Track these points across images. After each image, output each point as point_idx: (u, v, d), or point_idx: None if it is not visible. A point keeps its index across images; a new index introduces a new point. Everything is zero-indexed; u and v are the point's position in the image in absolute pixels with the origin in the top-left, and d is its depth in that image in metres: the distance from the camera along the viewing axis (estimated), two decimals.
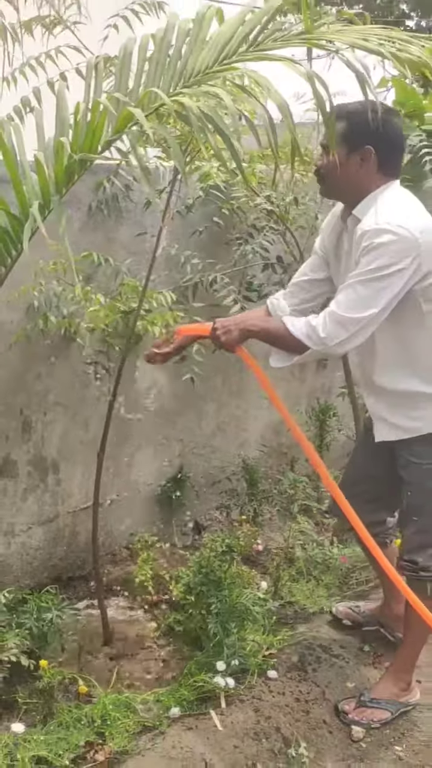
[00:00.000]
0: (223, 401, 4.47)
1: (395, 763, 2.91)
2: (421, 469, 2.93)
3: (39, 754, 2.69)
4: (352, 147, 2.72)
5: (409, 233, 2.59)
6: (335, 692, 3.19)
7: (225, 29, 2.31)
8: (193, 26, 2.34)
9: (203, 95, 2.12)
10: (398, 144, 2.85)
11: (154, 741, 2.80)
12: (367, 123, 2.55)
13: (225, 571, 3.31)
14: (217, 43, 2.27)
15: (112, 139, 2.25)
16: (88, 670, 3.24)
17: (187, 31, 2.35)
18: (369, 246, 2.61)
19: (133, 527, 4.08)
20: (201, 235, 3.98)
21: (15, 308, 3.36)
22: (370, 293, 2.61)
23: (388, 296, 2.62)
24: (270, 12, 2.25)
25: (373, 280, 2.60)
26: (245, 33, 2.25)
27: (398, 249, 2.58)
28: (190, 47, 2.32)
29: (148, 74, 2.37)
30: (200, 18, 2.35)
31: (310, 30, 2.17)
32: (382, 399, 2.99)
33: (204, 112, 2.06)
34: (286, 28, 2.30)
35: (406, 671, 3.18)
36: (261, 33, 2.24)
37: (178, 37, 2.36)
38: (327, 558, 3.97)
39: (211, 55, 2.27)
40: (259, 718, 2.95)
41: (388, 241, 2.58)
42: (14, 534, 3.59)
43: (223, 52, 2.25)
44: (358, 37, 2.14)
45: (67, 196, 2.45)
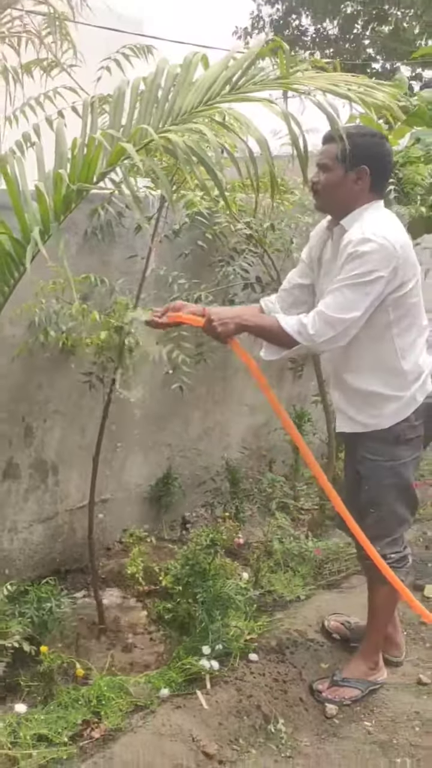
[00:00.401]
0: (208, 408, 4.48)
1: (365, 737, 2.92)
2: (377, 465, 2.96)
3: (40, 732, 2.69)
4: (349, 166, 2.78)
5: (390, 245, 2.67)
6: (310, 673, 3.20)
7: (210, 73, 2.34)
8: (181, 70, 2.36)
9: (189, 131, 2.15)
10: (389, 166, 2.95)
11: (145, 719, 2.79)
12: (363, 145, 2.73)
13: (210, 563, 3.32)
14: (203, 86, 2.30)
15: (106, 171, 2.27)
16: (85, 654, 3.23)
17: (175, 75, 2.37)
18: (354, 253, 2.67)
19: (125, 524, 4.07)
20: (187, 258, 4.00)
21: (18, 324, 3.36)
22: (356, 297, 2.67)
23: (369, 300, 2.69)
24: (250, 58, 2.27)
25: (358, 284, 2.66)
26: (228, 77, 2.28)
27: (380, 258, 2.66)
28: (177, 89, 2.35)
29: (139, 113, 2.39)
30: (187, 63, 2.38)
31: (286, 75, 2.21)
32: (347, 395, 3.03)
33: (189, 146, 2.09)
34: (264, 73, 2.33)
35: (374, 652, 3.20)
36: (242, 77, 2.27)
37: (167, 79, 2.38)
38: (302, 550, 3.98)
39: (196, 96, 2.30)
40: (241, 697, 2.94)
41: (372, 249, 2.65)
42: (17, 531, 3.59)
43: (207, 93, 2.27)
44: (329, 83, 2.18)
45: (65, 222, 2.46)
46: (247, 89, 2.22)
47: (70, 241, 3.56)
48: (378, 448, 2.96)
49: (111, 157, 2.23)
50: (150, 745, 2.63)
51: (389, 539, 3.03)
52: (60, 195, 2.27)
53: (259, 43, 2.30)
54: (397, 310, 2.81)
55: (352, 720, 3.00)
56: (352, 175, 2.80)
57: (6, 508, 3.53)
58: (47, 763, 2.59)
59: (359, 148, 2.72)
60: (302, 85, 2.19)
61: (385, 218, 2.86)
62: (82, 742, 2.71)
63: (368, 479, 2.97)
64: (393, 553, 3.03)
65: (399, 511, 2.99)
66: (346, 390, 3.01)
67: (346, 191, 2.83)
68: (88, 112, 2.46)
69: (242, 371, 4.67)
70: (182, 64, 2.34)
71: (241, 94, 2.21)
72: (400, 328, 2.85)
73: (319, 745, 2.85)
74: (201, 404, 4.42)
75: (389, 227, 2.77)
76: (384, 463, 2.96)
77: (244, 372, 4.66)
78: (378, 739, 2.90)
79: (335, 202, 2.87)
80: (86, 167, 2.26)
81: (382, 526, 2.98)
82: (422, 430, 2.99)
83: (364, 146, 2.77)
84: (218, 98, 2.24)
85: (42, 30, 3.34)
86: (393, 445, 2.94)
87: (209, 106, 2.23)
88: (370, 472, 2.96)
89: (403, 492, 3.01)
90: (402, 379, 2.90)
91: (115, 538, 4.04)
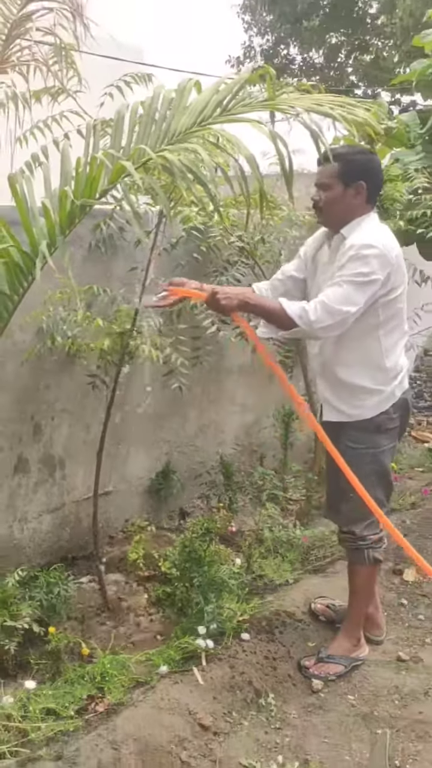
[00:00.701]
0: (204, 408, 4.48)
1: (348, 709, 2.92)
2: (358, 452, 2.98)
3: (48, 707, 2.69)
4: (348, 182, 2.85)
5: (388, 252, 2.76)
6: (298, 651, 3.20)
7: (202, 97, 2.34)
8: (176, 95, 2.37)
9: (184, 151, 2.15)
10: (381, 179, 3.03)
11: (145, 694, 2.79)
12: (358, 162, 2.85)
13: (205, 550, 3.32)
14: (196, 109, 2.30)
15: (107, 188, 2.27)
16: (90, 634, 3.23)
17: (170, 99, 2.37)
18: (357, 255, 2.74)
19: (127, 514, 4.07)
20: (183, 269, 3.99)
21: (27, 330, 3.36)
22: (356, 293, 2.72)
23: (366, 298, 2.74)
24: (240, 83, 2.28)
25: (358, 282, 2.72)
26: (219, 100, 2.29)
27: (379, 262, 2.73)
28: (173, 112, 2.35)
29: (138, 134, 2.39)
30: (182, 88, 2.38)
31: (273, 97, 2.22)
32: (333, 387, 3.06)
33: (185, 165, 2.09)
34: (252, 96, 2.33)
35: (356, 630, 3.21)
36: (232, 100, 2.28)
37: (163, 104, 2.38)
38: (291, 538, 3.98)
39: (190, 118, 2.30)
40: (234, 673, 2.94)
41: (373, 254, 2.72)
42: (27, 521, 3.58)
43: (200, 116, 2.28)
44: (313, 102, 2.19)
45: (70, 236, 2.46)
46: (236, 111, 2.23)
47: (76, 253, 3.56)
48: (360, 436, 2.99)
49: (112, 175, 2.23)
50: (150, 718, 2.63)
51: (367, 522, 3.05)
52: (65, 211, 2.27)
53: (248, 70, 2.31)
54: (386, 312, 2.87)
55: (336, 694, 3.00)
56: (351, 191, 2.86)
57: (17, 500, 3.53)
58: (55, 735, 2.59)
59: (355, 166, 2.84)
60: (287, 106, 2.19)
61: (382, 229, 2.93)
62: (88, 716, 2.71)
63: (350, 465, 2.92)
64: (372, 535, 3.08)
65: (377, 495, 2.98)
66: (335, 383, 3.03)
67: (346, 205, 2.88)
68: (90, 134, 2.46)
69: (235, 373, 4.68)
70: (177, 89, 2.35)
71: (231, 116, 2.21)
72: (386, 329, 2.91)
73: (306, 717, 2.85)
74: (197, 404, 4.42)
75: (387, 237, 2.86)
76: (365, 451, 2.99)
77: (236, 374, 4.67)
78: (360, 711, 2.91)
79: (337, 216, 2.91)
80: (89, 185, 2.26)
81: (360, 510, 2.96)
82: (399, 422, 3.05)
83: (359, 163, 2.87)
84: (210, 120, 2.24)
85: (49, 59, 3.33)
86: (374, 433, 2.99)
87: (202, 127, 2.24)
88: (352, 459, 2.93)
89: (381, 478, 3.06)
90: (385, 375, 2.95)
91: (118, 527, 4.03)
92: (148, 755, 2.48)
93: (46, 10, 3.18)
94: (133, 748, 2.48)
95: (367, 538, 3.06)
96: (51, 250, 2.29)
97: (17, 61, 3.24)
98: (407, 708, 2.93)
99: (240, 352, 4.48)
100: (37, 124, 3.22)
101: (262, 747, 2.68)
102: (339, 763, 2.64)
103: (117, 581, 3.63)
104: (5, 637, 2.89)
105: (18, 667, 2.95)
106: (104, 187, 2.27)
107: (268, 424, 4.82)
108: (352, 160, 2.86)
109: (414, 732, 2.80)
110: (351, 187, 2.85)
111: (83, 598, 3.42)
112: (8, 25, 3.21)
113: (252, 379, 4.79)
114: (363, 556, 3.09)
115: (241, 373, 4.71)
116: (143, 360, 3.41)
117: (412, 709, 2.92)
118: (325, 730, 2.80)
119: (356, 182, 2.85)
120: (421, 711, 2.91)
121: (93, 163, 2.21)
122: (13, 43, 3.23)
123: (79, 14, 3.21)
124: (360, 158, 2.90)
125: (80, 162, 2.29)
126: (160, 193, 2.23)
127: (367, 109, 2.40)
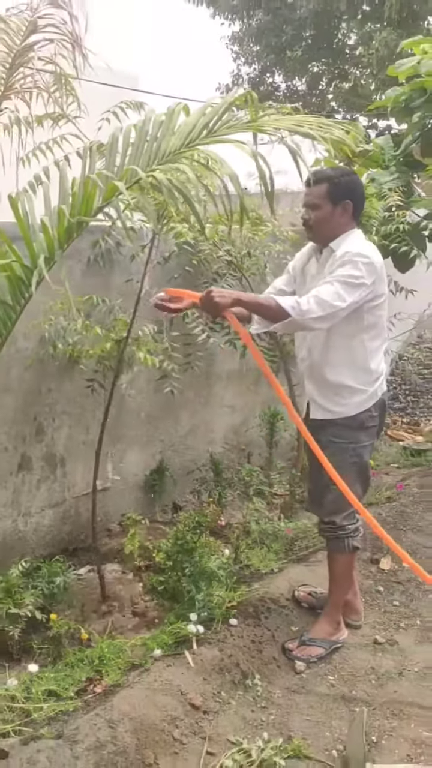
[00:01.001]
0: (195, 409, 4.47)
1: (329, 689, 2.91)
2: (340, 447, 2.99)
3: (50, 688, 2.68)
4: (335, 202, 2.90)
5: (375, 263, 2.81)
6: (282, 635, 3.18)
7: (190, 120, 2.34)
8: (165, 118, 2.35)
9: (173, 171, 2.14)
10: (364, 196, 3.07)
11: (140, 676, 2.77)
12: (344, 183, 2.90)
13: (196, 541, 3.31)
14: (184, 131, 2.29)
15: (101, 206, 2.25)
16: (89, 621, 3.21)
17: (160, 122, 2.36)
18: (349, 260, 2.79)
19: (123, 508, 4.05)
20: (176, 280, 3.98)
21: (30, 338, 3.34)
22: (345, 291, 2.75)
23: (354, 299, 2.76)
24: (224, 106, 2.27)
25: (349, 282, 2.75)
26: (205, 122, 2.28)
27: (368, 269, 2.78)
28: (162, 134, 2.34)
29: (130, 155, 2.37)
30: (171, 112, 2.37)
31: (255, 119, 2.21)
32: (320, 387, 3.06)
33: (173, 184, 2.08)
34: (237, 118, 2.32)
35: (336, 614, 3.21)
36: (218, 122, 2.27)
37: (154, 126, 2.37)
38: (276, 530, 3.96)
39: (179, 140, 2.29)
40: (222, 656, 2.93)
41: (363, 261, 2.78)
42: (30, 515, 3.56)
43: (188, 137, 2.27)
44: (293, 123, 2.18)
45: (70, 251, 2.45)
46: (222, 132, 2.21)
47: (76, 266, 3.55)
48: (343, 432, 3.01)
49: (105, 194, 2.22)
50: (145, 698, 2.62)
51: (346, 513, 3.07)
52: (63, 227, 2.26)
53: (232, 94, 2.30)
54: (370, 318, 2.92)
55: (317, 675, 2.99)
56: (339, 209, 2.91)
57: (21, 496, 3.50)
58: (56, 715, 2.58)
59: (342, 186, 2.90)
60: (269, 127, 2.19)
61: (367, 242, 3.00)
62: (86, 697, 2.70)
63: (333, 459, 2.89)
64: (350, 525, 3.09)
65: (355, 488, 2.97)
66: (322, 383, 3.04)
67: (335, 223, 2.93)
68: (87, 156, 2.44)
69: (225, 378, 4.67)
70: (166, 112, 2.34)
71: (217, 137, 2.20)
72: (371, 335, 2.95)
73: (290, 696, 2.84)
74: (189, 406, 4.41)
75: (373, 250, 2.92)
76: (347, 445, 3.00)
77: (225, 378, 4.67)
78: (340, 691, 2.90)
79: (326, 232, 2.96)
80: (85, 203, 2.25)
81: (340, 502, 2.96)
82: (378, 421, 3.07)
83: (345, 184, 2.92)
84: (197, 141, 2.23)
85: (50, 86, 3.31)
86: (356, 430, 3.01)
87: (190, 148, 2.22)
88: (335, 453, 2.93)
89: (361, 472, 3.07)
90: (368, 376, 2.98)
91: (115, 520, 4.01)
92: (142, 733, 2.47)
93: (47, 41, 3.15)
94: (128, 726, 2.47)
95: (346, 527, 3.08)
96: (49, 263, 2.28)
97: (20, 88, 3.21)
98: (383, 687, 2.92)
99: (229, 358, 4.47)
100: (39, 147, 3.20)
101: (248, 724, 2.66)
102: (320, 739, 2.63)
103: (114, 571, 3.61)
104: (10, 624, 2.88)
105: (22, 652, 2.93)
106: (98, 205, 2.25)
107: (255, 424, 4.81)
108: (339, 182, 2.90)
109: (389, 710, 2.80)
110: (338, 205, 2.90)
111: (83, 587, 3.40)
112: (12, 55, 3.18)
113: (240, 383, 4.79)
114: (342, 545, 3.10)
115: (230, 377, 4.70)
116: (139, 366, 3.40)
117: (387, 688, 2.92)
118: (307, 708, 2.78)
119: (343, 201, 2.90)
120: (395, 690, 2.90)
121: (87, 182, 2.20)
122: (17, 71, 3.21)
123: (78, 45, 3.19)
124: (346, 179, 2.94)
125: (76, 182, 2.27)
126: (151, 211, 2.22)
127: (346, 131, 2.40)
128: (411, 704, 2.82)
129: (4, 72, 3.20)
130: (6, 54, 3.21)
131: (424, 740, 2.64)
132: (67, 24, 3.08)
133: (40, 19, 3.13)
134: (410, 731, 2.68)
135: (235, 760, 2.46)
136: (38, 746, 2.39)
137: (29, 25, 3.14)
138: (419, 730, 2.69)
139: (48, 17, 3.13)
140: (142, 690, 2.66)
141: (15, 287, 2.43)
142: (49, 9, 3.13)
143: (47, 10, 3.13)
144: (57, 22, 3.11)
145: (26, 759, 2.32)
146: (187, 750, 2.49)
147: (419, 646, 3.20)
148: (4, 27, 3.16)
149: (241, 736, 2.58)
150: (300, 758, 2.52)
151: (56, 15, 3.13)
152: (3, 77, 3.18)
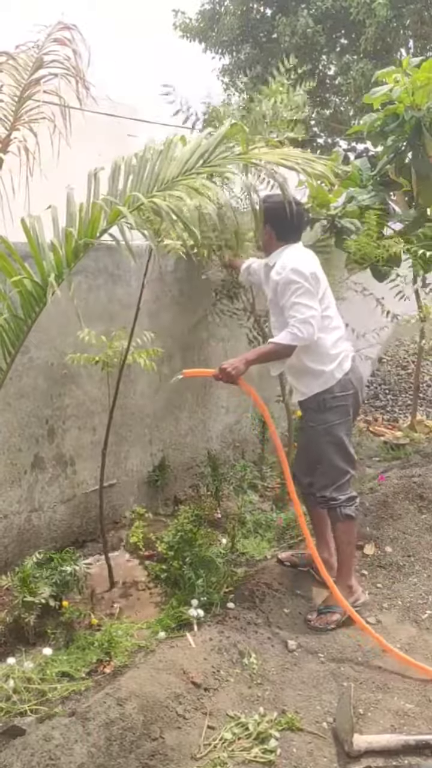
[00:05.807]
0: (194, 410, 4.46)
1: (319, 666, 2.90)
2: (314, 430, 3.16)
3: (63, 670, 2.69)
4: (264, 223, 3.08)
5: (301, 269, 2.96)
6: (275, 616, 3.18)
7: (186, 150, 2.34)
8: (164, 148, 2.36)
9: (171, 197, 2.14)
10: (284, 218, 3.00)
11: (146, 657, 2.76)
12: (265, 209, 3.03)
13: (195, 532, 3.31)
14: (181, 160, 2.30)
15: (106, 228, 2.25)
16: (98, 607, 3.21)
17: (159, 152, 2.36)
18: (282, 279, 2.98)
19: (129, 502, 4.04)
20: (173, 293, 3.98)
21: (41, 347, 3.34)
22: (304, 300, 2.93)
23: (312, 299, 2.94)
24: (218, 138, 2.27)
25: (299, 293, 2.94)
26: (201, 153, 2.28)
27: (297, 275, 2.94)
28: (161, 163, 2.34)
29: (132, 182, 2.38)
30: (168, 142, 2.38)
31: (246, 151, 2.21)
32: (295, 374, 3.21)
33: (171, 209, 2.08)
34: (230, 149, 2.33)
35: (347, 578, 3.25)
36: (212, 153, 2.27)
37: (153, 156, 2.37)
38: (268, 520, 3.97)
39: (176, 168, 2.29)
40: (221, 637, 2.92)
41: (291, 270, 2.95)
42: (43, 510, 3.55)
43: (185, 166, 2.27)
44: (280, 157, 2.19)
45: (78, 268, 2.45)
46: (215, 163, 2.22)
47: (83, 282, 3.54)
48: (312, 416, 3.16)
49: (110, 217, 2.22)
50: (150, 677, 2.61)
51: (335, 486, 3.16)
52: (70, 247, 2.26)
53: (225, 127, 2.30)
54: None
55: (309, 652, 2.98)
56: (267, 229, 3.11)
57: (34, 493, 3.49)
58: (69, 694, 2.58)
59: (264, 211, 3.04)
60: (258, 159, 2.19)
61: (299, 254, 3.10)
62: (97, 677, 2.71)
63: (310, 442, 3.17)
64: (341, 495, 3.17)
65: (338, 463, 3.14)
66: (291, 368, 3.19)
67: (266, 242, 3.17)
68: (92, 182, 2.44)
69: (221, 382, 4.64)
70: (165, 142, 2.34)
71: (211, 167, 2.21)
72: (324, 324, 3.04)
73: (283, 673, 2.84)
74: (188, 407, 4.40)
75: (301, 259, 3.04)
76: (318, 428, 3.14)
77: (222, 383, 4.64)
78: (329, 667, 2.89)
79: (265, 248, 3.21)
80: (91, 225, 2.25)
81: (327, 476, 3.15)
82: (348, 400, 3.14)
83: (265, 209, 3.05)
84: (193, 170, 2.23)
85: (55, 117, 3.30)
86: (320, 412, 3.13)
87: (186, 176, 2.22)
88: (311, 435, 3.18)
89: (339, 448, 3.15)
90: (324, 358, 3.09)
91: (121, 514, 4.00)
92: (148, 709, 2.46)
93: (52, 76, 3.16)
94: (135, 704, 2.46)
95: (337, 498, 3.16)
96: (58, 281, 2.28)
97: (27, 119, 3.21)
98: (368, 664, 2.92)
99: None
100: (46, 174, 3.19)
101: (245, 700, 2.66)
102: (311, 712, 2.63)
103: (121, 561, 3.61)
104: (25, 611, 2.87)
105: (37, 636, 2.92)
106: (103, 228, 2.25)
107: (248, 423, 4.81)
108: (263, 208, 3.02)
109: (374, 684, 2.80)
110: (266, 226, 3.10)
111: (92, 576, 3.39)
112: (20, 88, 3.18)
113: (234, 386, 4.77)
114: (337, 514, 3.17)
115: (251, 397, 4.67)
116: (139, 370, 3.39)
117: (372, 664, 2.92)
118: (299, 684, 2.78)
119: (266, 225, 3.09)
120: (379, 666, 2.90)
121: (93, 207, 2.19)
122: (24, 104, 3.20)
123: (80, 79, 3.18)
124: (266, 206, 3.06)
125: (82, 207, 2.27)
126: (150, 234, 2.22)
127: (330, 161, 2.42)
128: (394, 678, 2.83)
129: (13, 104, 3.19)
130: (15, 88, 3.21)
131: (407, 712, 2.64)
132: (71, 59, 3.08)
133: (46, 56, 3.12)
134: (394, 704, 2.68)
135: (234, 733, 2.47)
136: (53, 724, 2.39)
137: (36, 61, 3.14)
138: (402, 703, 2.69)
139: (53, 53, 3.13)
140: (148, 670, 2.66)
141: (26, 302, 2.42)
142: (54, 46, 3.13)
143: (52, 47, 3.13)
144: (61, 58, 3.11)
145: (42, 736, 2.32)
146: (189, 724, 2.49)
147: (401, 625, 3.20)
148: (13, 63, 3.15)
149: (238, 711, 2.58)
150: (293, 730, 2.52)
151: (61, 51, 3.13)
152: (12, 109, 3.17)
